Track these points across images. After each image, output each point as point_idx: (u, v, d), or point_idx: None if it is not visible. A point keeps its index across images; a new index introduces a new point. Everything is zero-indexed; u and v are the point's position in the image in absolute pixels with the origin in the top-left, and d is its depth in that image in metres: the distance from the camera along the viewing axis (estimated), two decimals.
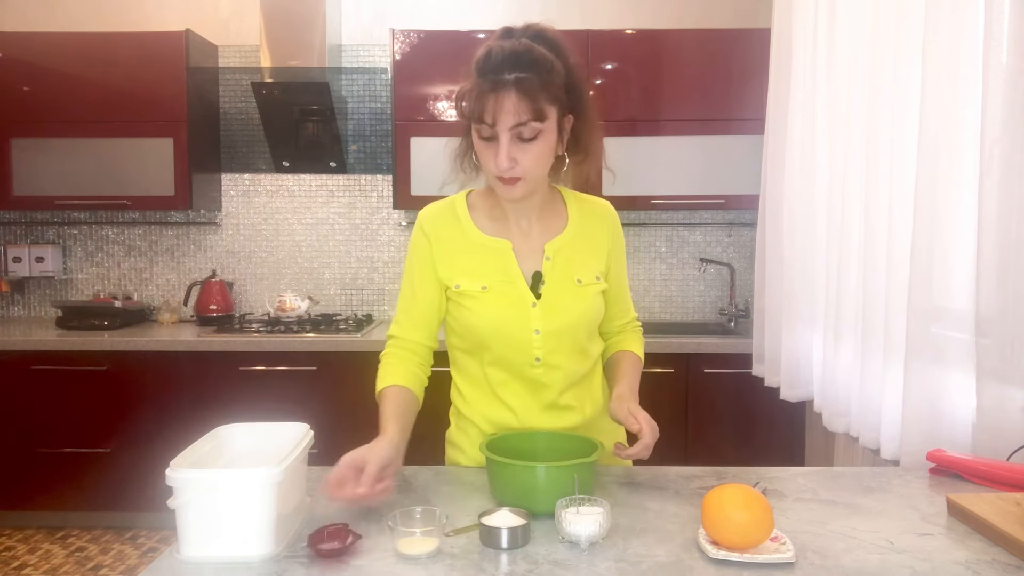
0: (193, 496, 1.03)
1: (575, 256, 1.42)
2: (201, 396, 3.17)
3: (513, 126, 1.24)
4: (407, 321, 1.44)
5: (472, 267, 1.39)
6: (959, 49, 1.71)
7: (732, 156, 3.31)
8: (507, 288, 1.37)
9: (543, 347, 1.37)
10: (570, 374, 1.41)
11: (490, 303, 1.37)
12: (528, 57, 1.24)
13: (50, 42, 3.33)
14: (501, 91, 1.23)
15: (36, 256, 3.64)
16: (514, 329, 1.36)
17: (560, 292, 1.38)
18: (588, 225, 1.45)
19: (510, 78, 1.22)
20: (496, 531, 1.08)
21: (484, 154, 1.29)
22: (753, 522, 1.04)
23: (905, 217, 1.90)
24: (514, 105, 1.22)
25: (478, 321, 1.37)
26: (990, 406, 1.61)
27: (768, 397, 2.85)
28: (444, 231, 1.41)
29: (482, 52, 1.27)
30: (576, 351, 1.42)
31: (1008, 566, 1.04)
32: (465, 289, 1.38)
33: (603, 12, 3.62)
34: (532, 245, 1.41)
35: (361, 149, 3.72)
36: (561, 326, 1.37)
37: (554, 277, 1.39)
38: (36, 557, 3.06)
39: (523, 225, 1.42)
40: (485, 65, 1.25)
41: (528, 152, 1.27)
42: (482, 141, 1.28)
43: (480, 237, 1.40)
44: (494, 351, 1.39)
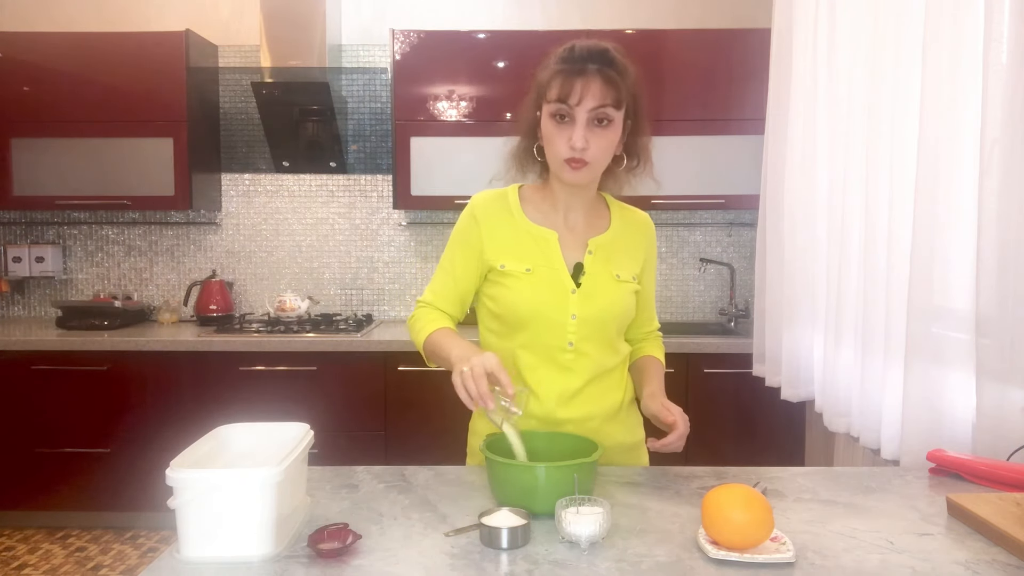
0: (193, 496, 1.03)
1: (615, 254, 1.50)
2: (201, 396, 3.17)
3: (593, 108, 1.33)
4: (441, 292, 1.51)
5: (519, 251, 1.46)
6: (959, 49, 1.71)
7: (732, 156, 3.31)
8: (549, 273, 1.44)
9: (577, 333, 1.43)
10: (598, 364, 1.46)
11: (533, 284, 1.44)
12: (608, 54, 1.36)
13: (50, 42, 3.33)
14: (586, 76, 1.33)
15: (36, 256, 3.64)
16: (552, 311, 1.43)
17: (599, 283, 1.45)
18: (628, 231, 1.54)
19: (594, 67, 1.33)
20: (496, 531, 1.08)
21: (556, 137, 1.37)
22: (753, 522, 1.04)
23: (905, 217, 1.90)
24: (599, 89, 1.33)
25: (519, 300, 1.43)
26: (990, 406, 1.61)
27: (768, 397, 2.85)
28: (495, 216, 1.49)
29: (565, 48, 1.37)
30: (606, 343, 1.48)
31: (1008, 566, 1.04)
32: (510, 269, 1.45)
33: (603, 12, 3.62)
34: (576, 239, 1.49)
35: (361, 149, 3.72)
36: (596, 314, 1.44)
37: (594, 269, 1.46)
38: (36, 557, 3.06)
39: (570, 220, 1.49)
40: (569, 56, 1.35)
41: (600, 137, 1.36)
42: (555, 124, 1.36)
43: (528, 225, 1.48)
44: (529, 332, 1.44)
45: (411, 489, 1.33)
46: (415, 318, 1.51)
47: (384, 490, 1.32)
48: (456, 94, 3.30)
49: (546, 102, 1.37)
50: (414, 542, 1.11)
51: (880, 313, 2.05)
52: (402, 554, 1.08)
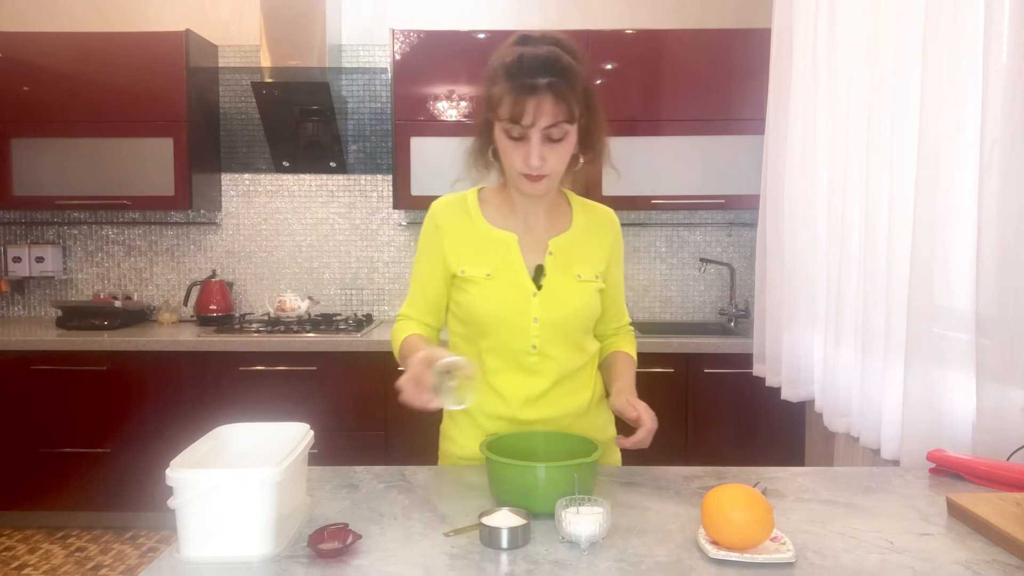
0: (193, 496, 1.03)
1: (576, 254, 1.48)
2: (201, 396, 3.17)
3: (546, 127, 1.31)
4: (415, 304, 1.53)
5: (478, 256, 1.46)
6: (959, 49, 1.71)
7: (732, 156, 3.31)
8: (510, 277, 1.44)
9: (540, 336, 1.43)
10: (564, 366, 1.46)
11: (493, 289, 1.43)
12: (559, 64, 1.31)
13: (50, 42, 3.33)
14: (538, 94, 1.29)
15: (36, 256, 3.64)
16: (514, 316, 1.42)
17: (560, 285, 1.45)
18: (591, 228, 1.52)
19: (544, 82, 1.30)
20: (496, 531, 1.08)
21: (512, 153, 1.36)
22: (753, 522, 1.04)
23: (905, 217, 1.90)
24: (550, 107, 1.30)
25: (480, 306, 1.43)
26: (990, 406, 1.61)
27: (768, 397, 2.85)
28: (454, 221, 1.49)
29: (512, 57, 1.32)
30: (571, 344, 1.47)
31: (1008, 566, 1.04)
32: (470, 275, 1.44)
33: (603, 12, 3.62)
34: (537, 240, 1.47)
35: (361, 149, 3.72)
36: (559, 317, 1.43)
37: (555, 271, 1.45)
38: (36, 557, 3.06)
39: (530, 221, 1.49)
40: (519, 70, 1.31)
41: (556, 152, 1.35)
42: (511, 141, 1.35)
43: (488, 229, 1.47)
44: (493, 337, 1.44)
45: (411, 489, 1.33)
46: (393, 332, 1.53)
47: (384, 490, 1.32)
48: (456, 94, 3.30)
49: (498, 119, 1.34)
50: (414, 542, 1.11)
51: (880, 313, 2.05)
52: (402, 554, 1.08)
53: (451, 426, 1.54)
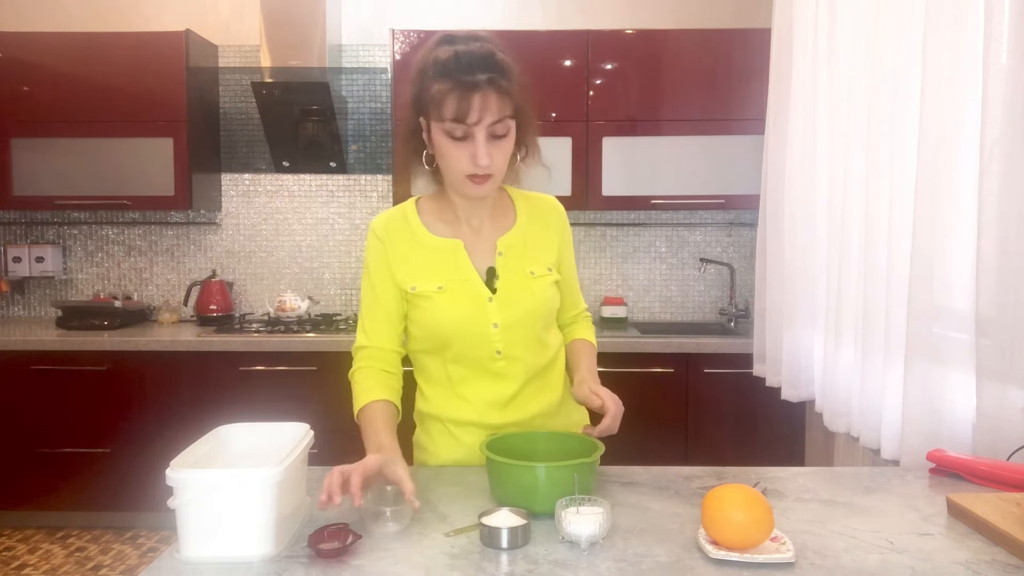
0: (193, 496, 1.03)
1: (526, 250, 1.46)
2: (201, 396, 3.17)
3: (491, 123, 1.29)
4: (373, 328, 1.46)
5: (426, 269, 1.43)
6: (959, 49, 1.71)
7: (732, 156, 3.31)
8: (462, 286, 1.41)
9: (503, 340, 1.41)
10: (530, 366, 1.45)
11: (447, 302, 1.40)
12: (494, 59, 1.29)
13: (50, 42, 3.33)
14: (481, 90, 1.26)
15: (36, 256, 3.64)
16: (473, 325, 1.40)
17: (515, 285, 1.43)
18: (536, 220, 1.50)
19: (485, 78, 1.27)
20: (496, 531, 1.08)
21: (454, 155, 1.32)
22: (753, 522, 1.04)
23: (905, 217, 1.90)
24: (494, 103, 1.28)
25: (436, 320, 1.40)
26: (990, 406, 1.61)
27: (768, 397, 2.85)
28: (396, 235, 1.45)
29: (447, 55, 1.29)
30: (535, 342, 1.46)
31: (1008, 566, 1.04)
32: (421, 291, 1.41)
33: (603, 12, 3.62)
34: (484, 242, 1.45)
35: (361, 149, 3.72)
36: (518, 317, 1.42)
37: (508, 271, 1.43)
38: (36, 557, 3.06)
39: (474, 224, 1.46)
40: (456, 67, 1.27)
41: (500, 149, 1.32)
42: (453, 142, 1.31)
43: (431, 239, 1.44)
44: (455, 348, 1.42)
45: None
46: (353, 377, 1.44)
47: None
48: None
49: (437, 120, 1.30)
50: (414, 542, 1.11)
51: (880, 313, 2.05)
52: (402, 554, 1.07)
53: (423, 435, 1.53)
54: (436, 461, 1.48)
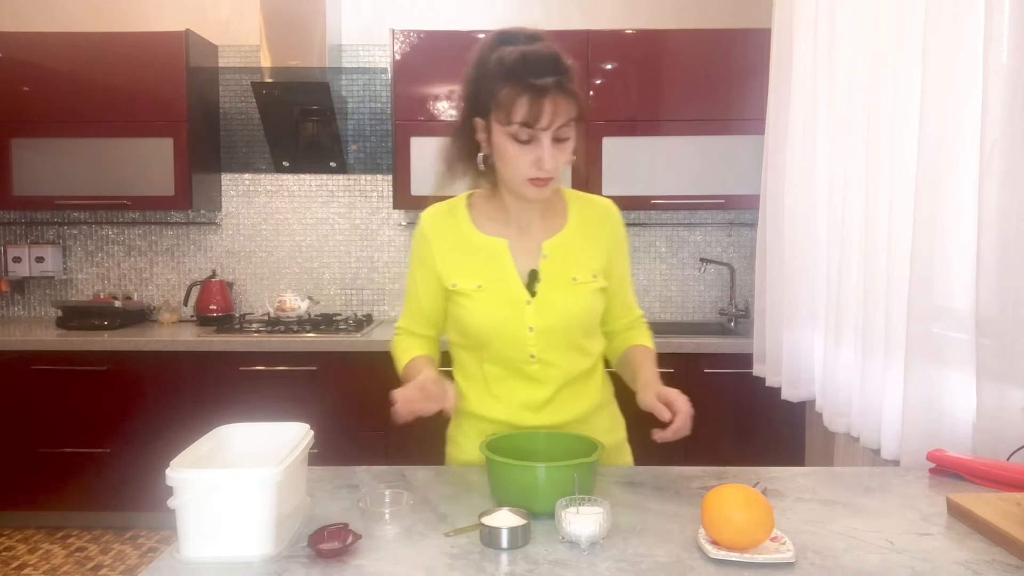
0: (193, 496, 1.03)
1: (572, 254, 1.43)
2: (201, 396, 3.17)
3: (559, 127, 1.27)
4: (409, 316, 1.52)
5: (468, 266, 1.41)
6: (959, 49, 1.71)
7: (732, 156, 3.31)
8: (502, 286, 1.40)
9: (537, 344, 1.39)
10: (567, 371, 1.43)
11: (485, 302, 1.39)
12: (560, 60, 1.27)
13: (50, 42, 3.33)
14: (550, 94, 1.24)
15: (36, 256, 3.64)
16: (508, 327, 1.39)
17: (555, 290, 1.40)
18: (587, 223, 1.46)
19: (551, 81, 1.24)
20: (496, 531, 1.08)
21: (517, 158, 1.29)
22: (753, 522, 1.04)
23: (905, 217, 1.90)
24: (563, 107, 1.26)
25: (473, 319, 1.40)
26: (990, 406, 1.61)
27: (768, 397, 2.85)
28: (443, 231, 1.44)
29: (513, 56, 1.26)
30: (572, 348, 1.43)
31: (1008, 566, 1.04)
32: (461, 288, 1.41)
33: (603, 12, 3.62)
34: (530, 244, 1.42)
35: (361, 149, 3.72)
36: (555, 323, 1.39)
37: (550, 275, 1.40)
38: (36, 557, 3.06)
39: (523, 224, 1.43)
40: (525, 70, 1.25)
41: (563, 152, 1.31)
42: (517, 145, 1.28)
43: (477, 237, 1.43)
44: (490, 348, 1.41)
45: (411, 489, 1.33)
46: (393, 347, 1.52)
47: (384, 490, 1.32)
48: (456, 94, 3.29)
49: (503, 123, 1.27)
50: (414, 542, 1.11)
51: (880, 313, 2.05)
52: (402, 554, 1.08)
53: (455, 430, 1.53)
54: (467, 457, 1.48)
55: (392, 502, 1.17)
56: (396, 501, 1.17)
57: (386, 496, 1.18)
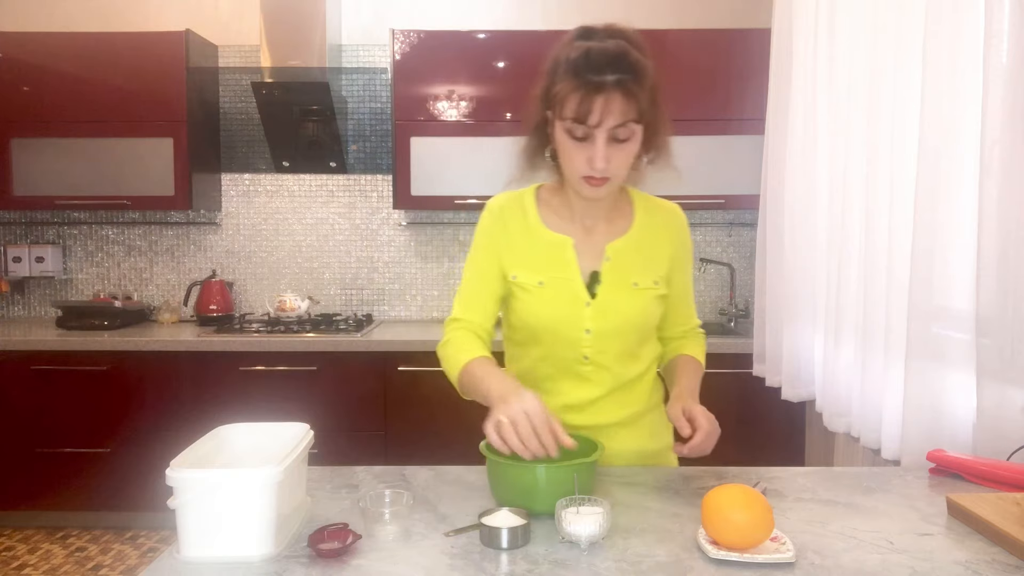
0: (193, 496, 1.03)
1: (636, 259, 1.42)
2: (201, 396, 3.17)
3: (613, 127, 1.24)
4: (472, 303, 1.43)
5: (532, 260, 1.40)
6: (959, 49, 1.71)
7: (732, 156, 3.31)
8: (563, 285, 1.39)
9: (593, 346, 1.39)
10: (618, 375, 1.43)
11: (545, 298, 1.38)
12: (628, 59, 1.24)
13: (50, 42, 3.33)
14: (606, 92, 1.22)
15: (36, 256, 3.65)
16: (565, 327, 1.38)
17: (615, 293, 1.39)
18: (653, 228, 1.45)
19: (612, 79, 1.22)
20: (496, 531, 1.08)
21: (574, 154, 1.28)
22: (753, 522, 1.04)
23: (905, 217, 1.90)
24: (619, 106, 1.23)
25: (531, 315, 1.39)
26: (990, 406, 1.61)
27: (768, 397, 2.85)
28: (511, 220, 1.43)
29: (577, 53, 1.24)
30: (626, 354, 1.43)
31: (1008, 566, 1.04)
32: (522, 281, 1.40)
33: (603, 12, 3.59)
34: (594, 244, 1.41)
35: (361, 149, 3.72)
36: (612, 327, 1.38)
37: (611, 278, 1.40)
38: (36, 557, 3.06)
39: (588, 224, 1.42)
40: (586, 66, 1.23)
41: (621, 152, 1.28)
42: (573, 141, 1.27)
43: (543, 232, 1.42)
44: (544, 346, 1.41)
45: (411, 489, 1.33)
46: (446, 344, 1.41)
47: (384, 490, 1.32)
48: (456, 94, 3.30)
49: (559, 118, 1.27)
50: (414, 542, 1.11)
51: (880, 313, 2.05)
52: (402, 554, 1.08)
53: None
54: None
55: (392, 502, 1.17)
56: (396, 501, 1.17)
57: (386, 496, 1.18)
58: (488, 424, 1.15)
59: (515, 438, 1.12)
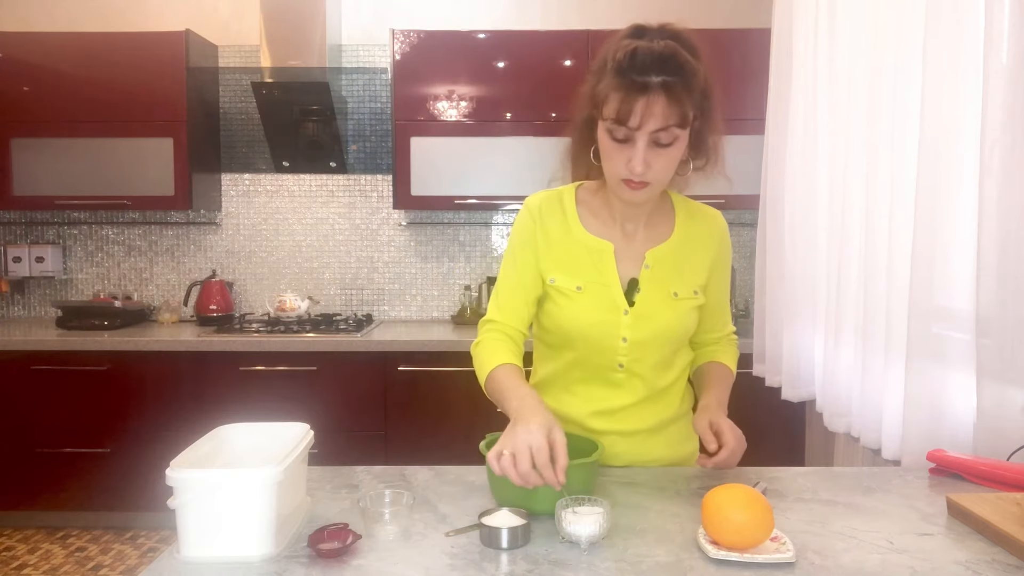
0: (193, 496, 1.03)
1: (676, 267, 1.39)
2: (201, 396, 3.17)
3: (654, 131, 1.20)
4: (508, 304, 1.39)
5: (570, 264, 1.37)
6: (959, 50, 1.71)
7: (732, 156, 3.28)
8: (601, 291, 1.35)
9: (628, 355, 1.36)
10: (651, 384, 1.41)
11: (582, 304, 1.35)
12: (675, 61, 1.19)
13: (50, 42, 3.33)
14: (649, 94, 1.18)
15: (36, 256, 3.64)
16: (602, 334, 1.35)
17: (654, 303, 1.36)
18: (694, 235, 1.42)
19: (658, 81, 1.17)
20: (496, 531, 1.08)
21: (614, 155, 1.25)
22: (753, 522, 1.04)
23: (906, 217, 1.90)
24: (662, 109, 1.18)
25: (568, 320, 1.36)
26: (990, 406, 1.61)
27: (768, 397, 2.85)
28: (550, 220, 1.39)
29: (625, 52, 1.19)
30: (661, 363, 1.41)
31: (1008, 566, 1.04)
32: (560, 286, 1.37)
33: (603, 12, 3.62)
34: (634, 250, 1.38)
35: (361, 149, 3.72)
36: (649, 336, 1.36)
37: (650, 286, 1.36)
38: (36, 557, 3.06)
39: (628, 228, 1.39)
40: (631, 66, 1.18)
41: (663, 157, 1.24)
42: (613, 142, 1.24)
43: (583, 235, 1.38)
44: (579, 351, 1.38)
45: (411, 489, 1.33)
46: (478, 345, 1.38)
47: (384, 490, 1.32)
48: (456, 94, 3.30)
49: (601, 118, 1.24)
50: (414, 542, 1.11)
51: (880, 313, 2.05)
52: (402, 554, 1.07)
53: None
54: None
55: (392, 502, 1.17)
56: (396, 501, 1.17)
57: (386, 496, 1.18)
58: (491, 453, 1.13)
59: (513, 471, 1.10)
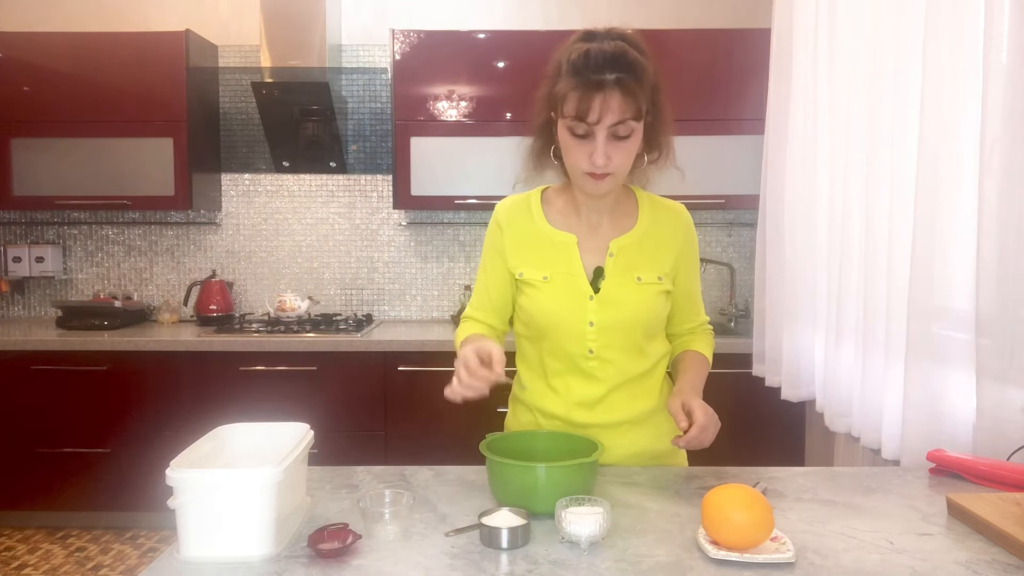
0: (193, 496, 1.03)
1: (640, 255, 1.45)
2: (201, 396, 3.17)
3: (612, 124, 1.28)
4: (478, 305, 1.53)
5: (537, 258, 1.45)
6: (959, 50, 1.71)
7: (732, 156, 3.31)
8: (567, 280, 1.42)
9: (597, 340, 1.41)
10: (624, 371, 1.44)
11: (549, 293, 1.42)
12: (626, 59, 1.29)
13: (50, 42, 3.33)
14: (605, 90, 1.26)
15: (36, 256, 3.64)
16: (569, 319, 1.41)
17: (619, 288, 1.42)
18: (658, 226, 1.48)
19: (611, 78, 1.27)
20: (496, 531, 1.08)
21: (575, 151, 1.33)
22: (753, 522, 1.04)
23: (905, 217, 1.90)
24: (618, 104, 1.27)
25: (536, 309, 1.43)
26: (990, 406, 1.61)
27: (768, 397, 2.85)
28: (516, 222, 1.48)
29: (579, 53, 1.29)
30: (632, 349, 1.45)
31: (1008, 566, 1.04)
32: (528, 278, 1.44)
33: (603, 12, 3.62)
34: (598, 241, 1.45)
35: (361, 149, 3.72)
36: (615, 321, 1.41)
37: (615, 273, 1.43)
38: (36, 557, 3.06)
39: (593, 221, 1.46)
40: (585, 65, 1.28)
41: (621, 150, 1.32)
42: (574, 139, 1.32)
43: (548, 230, 1.46)
44: (551, 340, 1.44)
45: (411, 489, 1.33)
46: (456, 333, 1.52)
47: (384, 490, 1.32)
48: (456, 94, 3.30)
49: (561, 116, 1.32)
50: (414, 542, 1.11)
51: (880, 313, 2.05)
52: (402, 554, 1.08)
53: (512, 421, 1.56)
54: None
55: (392, 502, 1.17)
56: (396, 501, 1.17)
57: (386, 496, 1.18)
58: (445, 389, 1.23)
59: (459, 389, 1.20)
